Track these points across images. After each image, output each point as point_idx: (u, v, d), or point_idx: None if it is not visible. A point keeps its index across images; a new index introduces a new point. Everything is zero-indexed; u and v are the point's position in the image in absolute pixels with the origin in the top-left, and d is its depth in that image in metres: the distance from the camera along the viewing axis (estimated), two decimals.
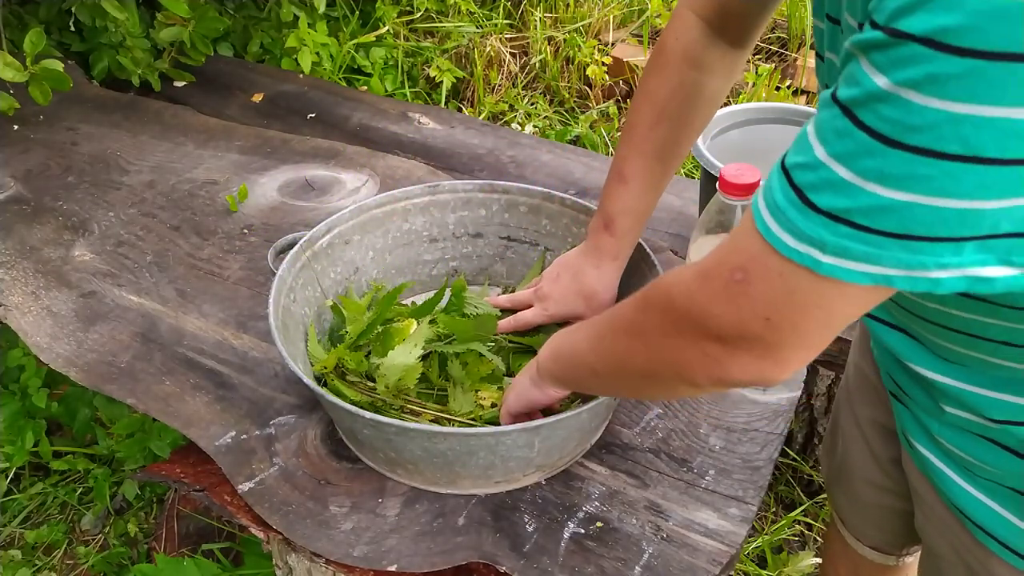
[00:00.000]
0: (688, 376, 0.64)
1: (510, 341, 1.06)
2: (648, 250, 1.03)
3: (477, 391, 0.99)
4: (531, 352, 1.02)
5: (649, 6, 2.88)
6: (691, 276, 0.61)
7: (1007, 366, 0.67)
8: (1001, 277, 0.50)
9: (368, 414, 0.85)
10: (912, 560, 1.13)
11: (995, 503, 0.75)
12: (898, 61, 0.44)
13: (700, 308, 0.59)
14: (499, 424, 0.94)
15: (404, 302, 1.19)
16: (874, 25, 0.46)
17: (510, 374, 1.04)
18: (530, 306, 1.06)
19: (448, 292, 1.08)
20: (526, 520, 0.91)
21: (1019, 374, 0.67)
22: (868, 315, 0.82)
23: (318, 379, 1.01)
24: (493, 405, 0.96)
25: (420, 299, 1.17)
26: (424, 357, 1.00)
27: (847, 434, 1.06)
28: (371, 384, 0.98)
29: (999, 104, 0.43)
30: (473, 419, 0.96)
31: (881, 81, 0.45)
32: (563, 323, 1.02)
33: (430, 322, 1.05)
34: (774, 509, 1.73)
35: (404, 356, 0.97)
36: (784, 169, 0.53)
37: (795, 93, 2.70)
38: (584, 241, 1.04)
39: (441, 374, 1.01)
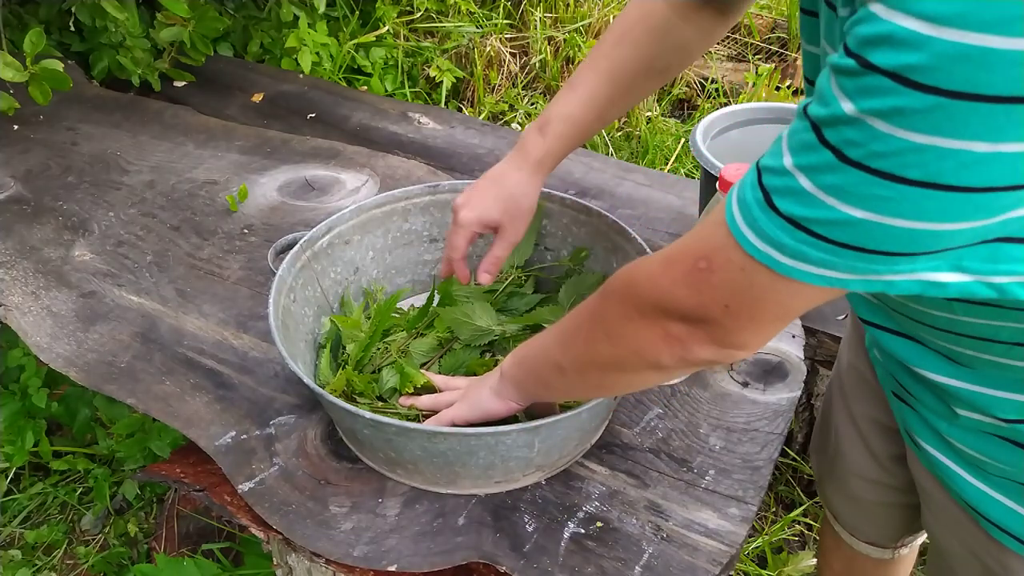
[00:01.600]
0: (652, 358, 0.66)
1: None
2: (648, 250, 1.03)
3: None
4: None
5: None
6: (655, 261, 0.63)
7: (1019, 366, 0.67)
8: (953, 282, 0.53)
9: (368, 414, 0.85)
10: (908, 552, 1.13)
11: (1009, 499, 0.75)
12: (865, 90, 0.46)
13: (663, 290, 0.62)
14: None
15: (404, 303, 1.19)
16: (846, 50, 0.47)
17: None
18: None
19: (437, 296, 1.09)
20: (526, 520, 0.91)
21: None
22: (872, 323, 0.82)
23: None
24: None
25: (420, 300, 1.17)
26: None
27: (841, 431, 1.06)
28: (381, 403, 0.98)
29: (960, 138, 0.44)
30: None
31: (847, 106, 0.47)
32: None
33: (428, 326, 1.06)
34: (774, 509, 1.73)
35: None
36: (758, 168, 0.55)
37: (795, 93, 2.71)
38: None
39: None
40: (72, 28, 1.84)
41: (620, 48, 0.93)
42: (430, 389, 0.98)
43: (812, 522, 1.69)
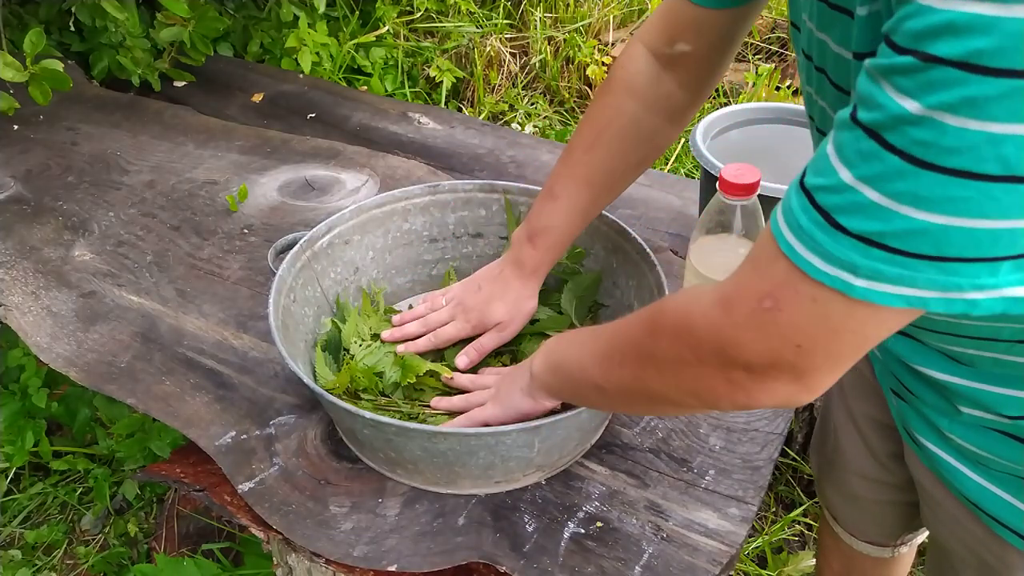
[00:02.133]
0: (710, 401, 0.63)
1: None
2: (648, 250, 1.03)
3: None
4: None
5: (649, 6, 2.88)
6: (711, 303, 0.58)
7: (1020, 362, 0.67)
8: None
9: (368, 414, 0.85)
10: (907, 551, 1.13)
11: (1010, 495, 0.75)
12: (929, 85, 0.43)
13: (726, 338, 0.57)
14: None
15: (404, 303, 1.19)
16: (895, 47, 0.45)
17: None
18: (446, 323, 1.04)
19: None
20: (526, 520, 0.91)
21: None
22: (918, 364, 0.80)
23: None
24: None
25: (419, 300, 1.17)
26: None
27: (840, 429, 1.06)
28: (385, 399, 0.98)
29: None
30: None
31: (911, 106, 0.44)
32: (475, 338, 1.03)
33: None
34: (774, 509, 1.73)
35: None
36: (805, 190, 0.51)
37: (795, 93, 2.71)
38: (506, 252, 1.04)
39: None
40: (72, 28, 1.83)
41: (593, 154, 0.95)
42: (445, 391, 0.98)
43: (812, 522, 1.69)
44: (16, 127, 1.67)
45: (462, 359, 1.02)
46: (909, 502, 0.99)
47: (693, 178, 1.84)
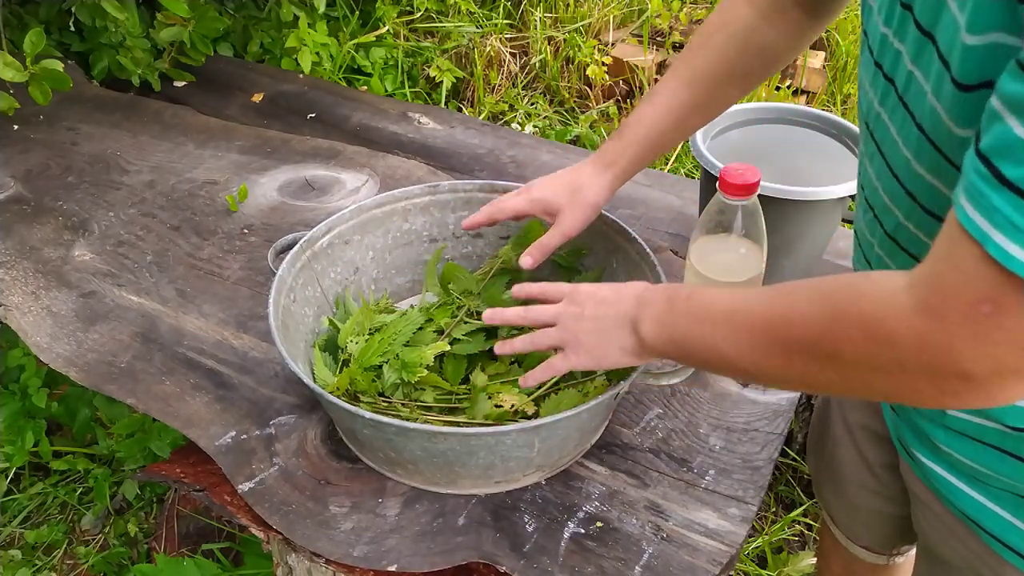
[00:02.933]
0: (912, 402, 0.59)
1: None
2: (648, 250, 1.03)
3: (498, 393, 0.98)
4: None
5: (649, 6, 2.88)
6: (912, 312, 0.54)
7: None
8: None
9: (368, 414, 0.85)
10: (904, 560, 1.13)
11: (1008, 513, 0.73)
12: None
13: (939, 349, 0.53)
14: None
15: (404, 304, 1.19)
16: None
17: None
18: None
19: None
20: (526, 520, 0.91)
21: None
22: None
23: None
24: (513, 407, 0.95)
25: (418, 300, 1.17)
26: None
27: (837, 437, 1.06)
28: (386, 401, 0.98)
29: None
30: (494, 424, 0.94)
31: None
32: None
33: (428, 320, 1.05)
34: (774, 509, 1.73)
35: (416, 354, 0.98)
36: (1008, 183, 0.48)
37: (795, 93, 2.71)
38: None
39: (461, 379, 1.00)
40: (72, 28, 1.83)
41: (701, 54, 0.93)
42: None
43: (812, 522, 1.69)
44: (16, 127, 1.67)
45: (526, 259, 0.99)
46: (903, 515, 0.97)
47: (693, 178, 1.84)
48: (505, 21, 2.89)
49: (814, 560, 1.55)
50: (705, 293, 0.73)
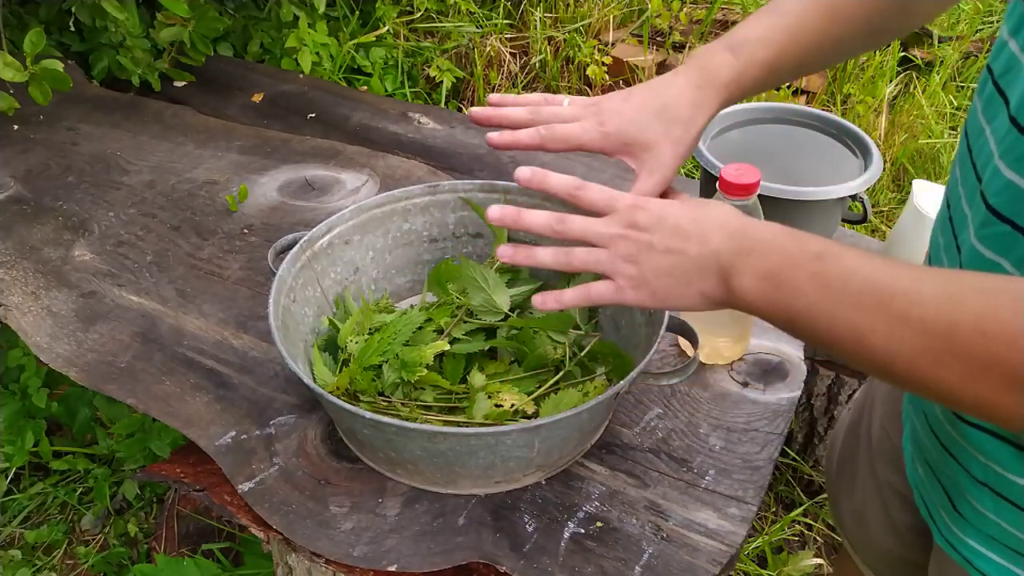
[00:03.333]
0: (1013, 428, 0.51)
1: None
2: None
3: (498, 392, 0.98)
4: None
5: (649, 6, 2.88)
6: None
7: None
8: None
9: (368, 414, 0.85)
10: None
11: None
12: None
13: None
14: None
15: (404, 304, 1.19)
16: None
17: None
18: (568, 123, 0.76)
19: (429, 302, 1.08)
20: (526, 520, 0.91)
21: None
22: (975, 423, 0.64)
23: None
24: (513, 406, 0.95)
25: (418, 300, 1.17)
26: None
27: (865, 488, 1.00)
28: (386, 401, 0.98)
29: None
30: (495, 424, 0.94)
31: None
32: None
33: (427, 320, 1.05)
34: (774, 509, 1.73)
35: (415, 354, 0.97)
36: None
37: (795, 93, 2.71)
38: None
39: (460, 380, 1.00)
40: (72, 28, 1.83)
41: None
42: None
43: (812, 522, 1.69)
44: (16, 127, 1.67)
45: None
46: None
47: (693, 178, 1.84)
48: (505, 21, 2.89)
49: (814, 560, 1.55)
50: (842, 254, 0.56)
